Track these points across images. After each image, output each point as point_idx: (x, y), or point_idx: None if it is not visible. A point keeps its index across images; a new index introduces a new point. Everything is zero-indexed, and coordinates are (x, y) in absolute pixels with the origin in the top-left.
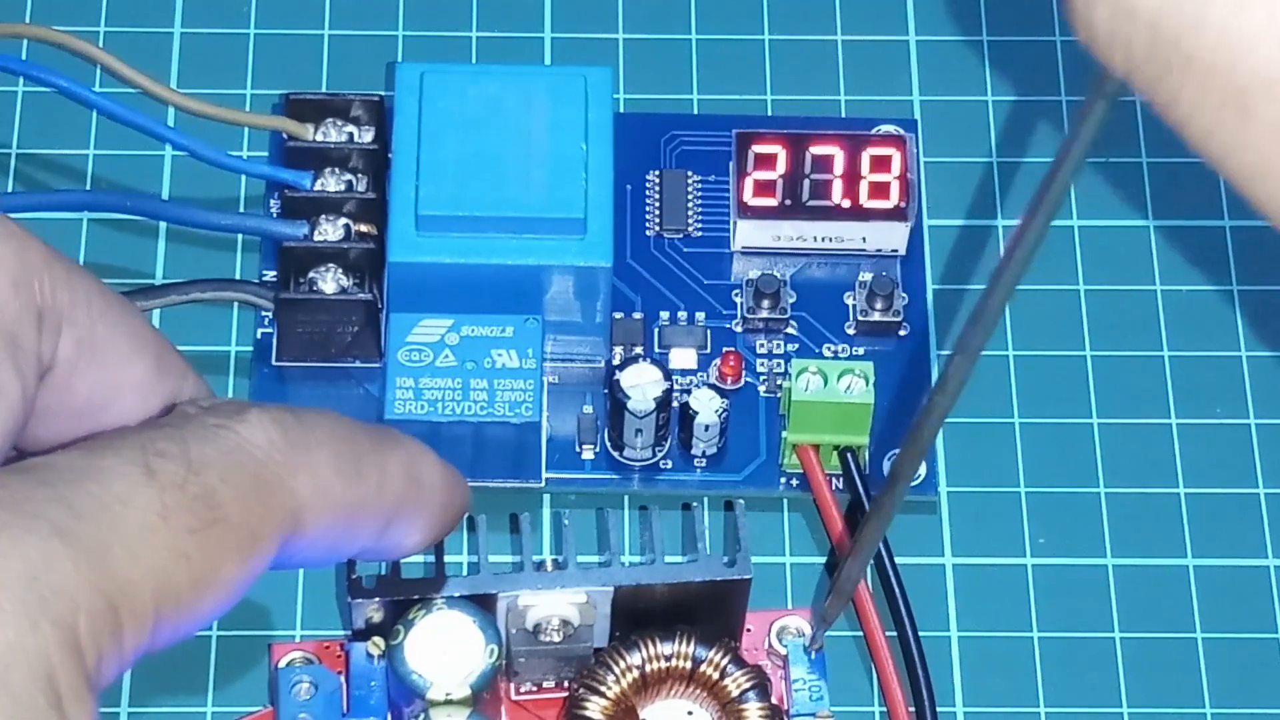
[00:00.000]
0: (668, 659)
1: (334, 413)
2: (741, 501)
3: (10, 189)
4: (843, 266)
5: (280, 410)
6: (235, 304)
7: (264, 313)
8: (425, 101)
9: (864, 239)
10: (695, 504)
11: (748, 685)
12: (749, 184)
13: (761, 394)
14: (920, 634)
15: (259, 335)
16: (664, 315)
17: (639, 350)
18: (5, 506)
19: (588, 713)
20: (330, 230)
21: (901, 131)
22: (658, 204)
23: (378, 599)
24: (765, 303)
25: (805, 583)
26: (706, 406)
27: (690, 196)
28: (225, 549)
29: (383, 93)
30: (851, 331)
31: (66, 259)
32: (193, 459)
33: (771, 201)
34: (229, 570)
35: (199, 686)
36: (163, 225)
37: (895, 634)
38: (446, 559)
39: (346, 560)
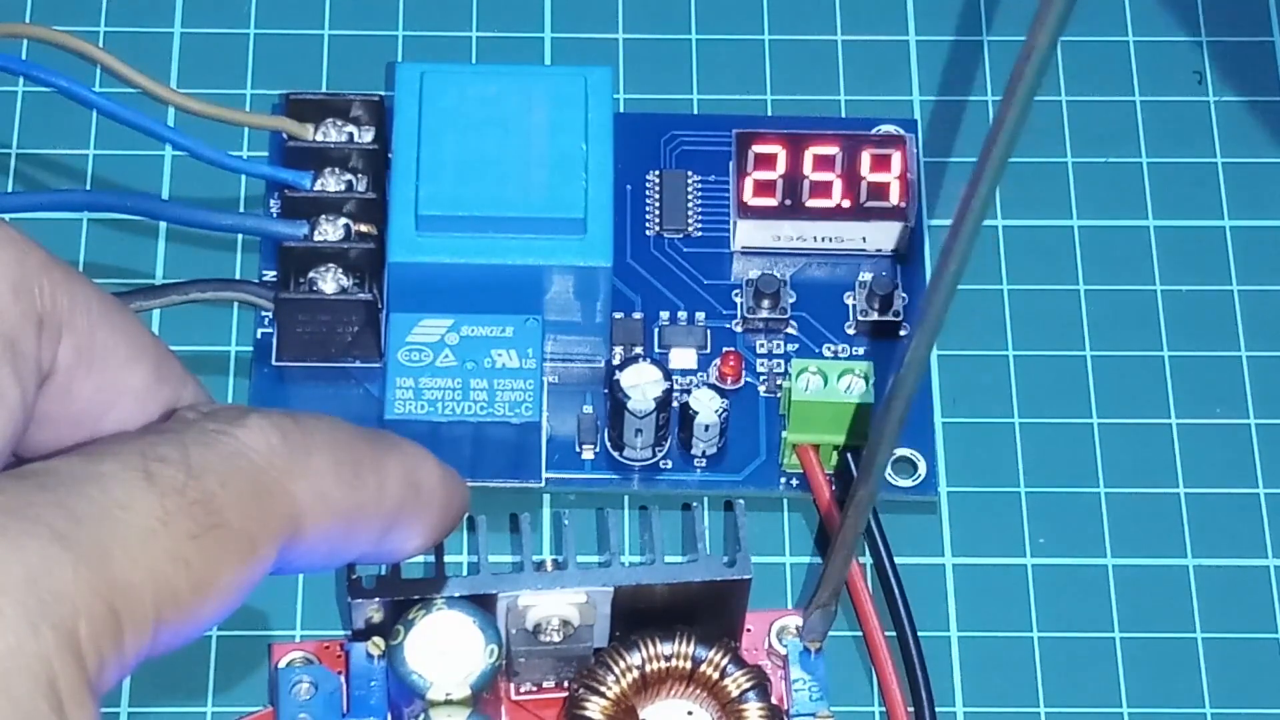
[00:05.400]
0: (668, 659)
1: (333, 418)
2: (741, 501)
3: (10, 189)
4: (843, 266)
5: (280, 415)
6: (235, 304)
7: (264, 313)
8: (425, 101)
9: (864, 239)
10: (695, 504)
11: (748, 685)
12: (749, 184)
13: (761, 394)
14: (920, 634)
15: (259, 335)
16: (664, 315)
17: (639, 350)
18: (5, 511)
19: (588, 713)
20: (330, 230)
21: (901, 131)
22: (658, 204)
23: (378, 599)
24: (765, 303)
25: (805, 583)
26: (706, 406)
27: (690, 196)
28: (225, 554)
29: (383, 93)
30: (851, 331)
31: (66, 265)
32: (192, 464)
33: (771, 201)
34: (229, 575)
35: (199, 687)
36: (163, 225)
37: (895, 634)
38: (446, 559)
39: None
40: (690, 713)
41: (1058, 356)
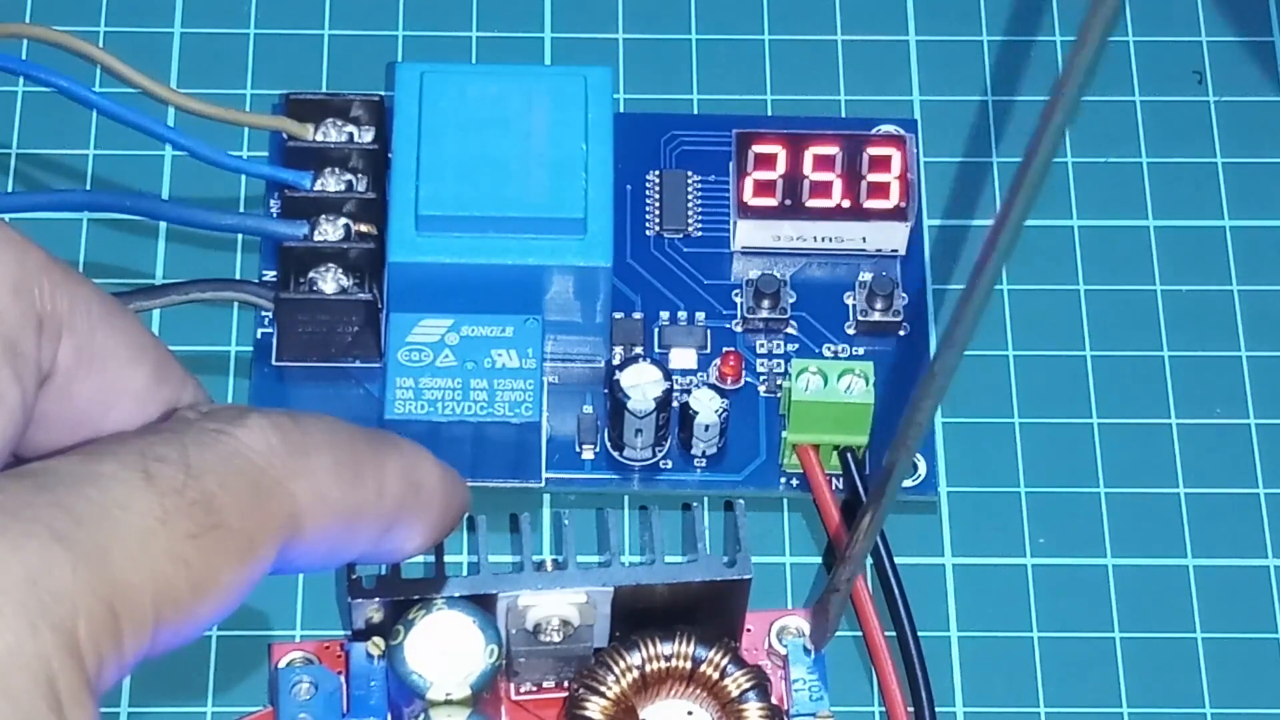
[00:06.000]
0: (668, 659)
1: (333, 417)
2: (741, 501)
3: (10, 189)
4: (843, 266)
5: (279, 415)
6: (235, 304)
7: (264, 313)
8: (425, 101)
9: (864, 239)
10: (695, 504)
11: (748, 685)
12: (749, 184)
13: (761, 394)
14: (920, 634)
15: (259, 335)
16: (664, 315)
17: (639, 350)
18: (4, 511)
19: (588, 713)
20: (330, 230)
21: (901, 131)
22: (658, 204)
23: (378, 599)
24: (765, 303)
25: (805, 583)
26: (706, 406)
27: (690, 196)
28: (224, 554)
29: (383, 93)
30: (851, 331)
31: (65, 265)
32: (191, 464)
33: (771, 201)
34: (228, 575)
35: (199, 687)
36: (163, 225)
37: (895, 634)
38: (446, 559)
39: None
40: (690, 713)
41: (1058, 356)
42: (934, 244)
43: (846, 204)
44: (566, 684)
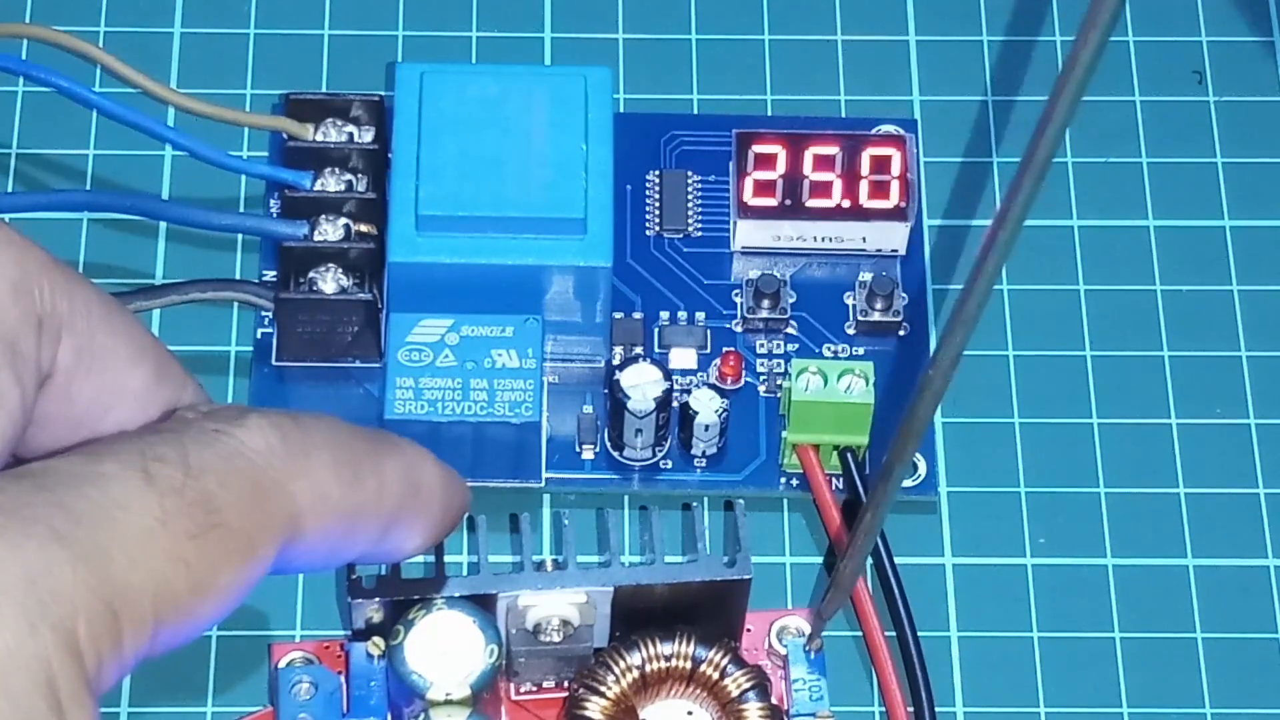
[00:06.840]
0: (668, 659)
1: (333, 417)
2: (741, 501)
3: (10, 189)
4: (843, 266)
5: (279, 415)
6: (235, 304)
7: (264, 313)
8: (425, 101)
9: (864, 239)
10: (695, 504)
11: (748, 685)
12: (749, 184)
13: (761, 394)
14: (920, 634)
15: (259, 335)
16: (664, 315)
17: (639, 350)
18: (4, 511)
19: (588, 713)
20: (330, 230)
21: (901, 131)
22: (658, 204)
23: (378, 599)
24: (765, 303)
25: (805, 583)
26: (706, 406)
27: (690, 196)
28: (224, 554)
29: (383, 93)
30: (851, 331)
31: (66, 266)
32: (191, 464)
33: (771, 201)
34: (228, 575)
35: (199, 687)
36: (163, 225)
37: (895, 634)
38: (446, 559)
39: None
40: (690, 713)
41: (1058, 356)
42: (934, 244)
43: (846, 204)
44: (566, 684)
